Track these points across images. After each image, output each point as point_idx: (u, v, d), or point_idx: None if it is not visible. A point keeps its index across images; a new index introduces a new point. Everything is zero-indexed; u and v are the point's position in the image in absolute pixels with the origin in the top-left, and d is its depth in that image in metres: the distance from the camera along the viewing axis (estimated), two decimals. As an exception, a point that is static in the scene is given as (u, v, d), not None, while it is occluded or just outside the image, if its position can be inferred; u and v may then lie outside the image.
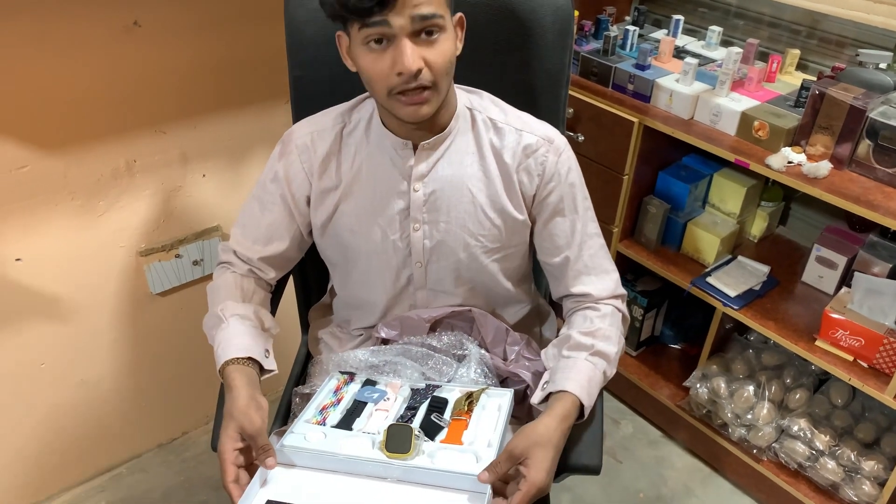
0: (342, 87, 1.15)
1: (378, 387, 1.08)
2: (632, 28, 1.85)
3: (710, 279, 1.75)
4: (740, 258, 1.81)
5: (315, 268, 1.37)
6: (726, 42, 1.93)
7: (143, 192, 1.58)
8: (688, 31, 1.99)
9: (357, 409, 1.04)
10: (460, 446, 0.96)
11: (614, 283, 1.14)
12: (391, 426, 0.96)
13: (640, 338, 2.04)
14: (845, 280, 1.67)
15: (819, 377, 1.78)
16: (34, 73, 1.33)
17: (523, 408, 1.12)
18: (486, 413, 1.02)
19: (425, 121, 1.00)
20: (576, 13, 1.44)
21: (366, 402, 1.05)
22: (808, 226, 1.93)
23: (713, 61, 1.81)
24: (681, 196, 1.82)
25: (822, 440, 1.66)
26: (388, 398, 1.06)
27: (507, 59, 1.21)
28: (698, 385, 1.83)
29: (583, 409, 0.99)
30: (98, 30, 1.36)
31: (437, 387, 1.07)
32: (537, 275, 1.28)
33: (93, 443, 1.80)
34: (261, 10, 1.53)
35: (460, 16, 1.00)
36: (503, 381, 1.15)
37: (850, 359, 1.54)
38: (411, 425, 0.97)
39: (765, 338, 1.81)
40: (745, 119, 1.59)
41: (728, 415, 1.78)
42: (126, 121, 1.48)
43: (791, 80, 1.75)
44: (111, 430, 1.81)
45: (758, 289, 1.72)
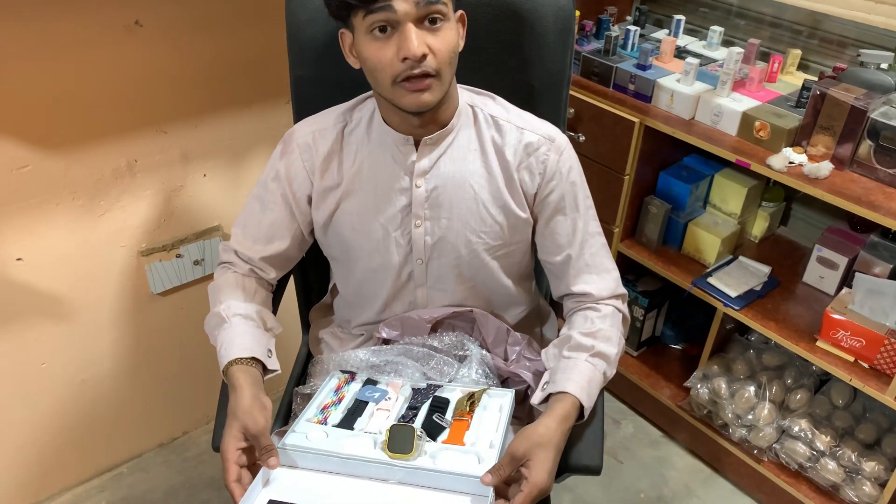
0: (343, 87, 1.15)
1: (379, 386, 1.08)
2: (633, 28, 1.85)
3: (710, 279, 1.75)
4: (741, 258, 1.81)
5: (315, 268, 1.37)
6: (727, 42, 1.92)
7: (144, 192, 1.58)
8: (689, 31, 1.99)
9: (358, 408, 1.04)
10: (462, 447, 0.96)
11: (615, 282, 1.14)
12: (393, 426, 0.96)
13: (640, 338, 2.03)
14: (846, 280, 1.67)
15: (820, 378, 1.78)
16: (35, 72, 1.33)
17: (524, 408, 1.12)
18: (487, 413, 1.02)
19: (427, 115, 1.00)
20: (577, 13, 1.43)
21: (367, 402, 1.05)
22: (809, 226, 1.93)
23: (714, 61, 1.81)
24: (682, 196, 1.82)
25: (822, 441, 1.66)
26: (389, 398, 1.06)
27: (509, 58, 1.21)
28: (699, 385, 1.83)
29: (582, 410, 0.99)
30: (99, 29, 1.36)
31: (439, 387, 1.08)
32: (538, 275, 1.28)
33: (93, 442, 1.80)
34: (262, 9, 1.53)
35: (461, 13, 1.00)
36: (504, 382, 1.15)
37: (851, 359, 1.54)
38: (413, 425, 0.97)
39: (766, 338, 1.81)
40: (747, 119, 1.59)
41: (729, 415, 1.78)
42: (127, 120, 1.48)
43: (792, 80, 1.75)
44: (112, 430, 1.81)
45: (759, 289, 1.72)
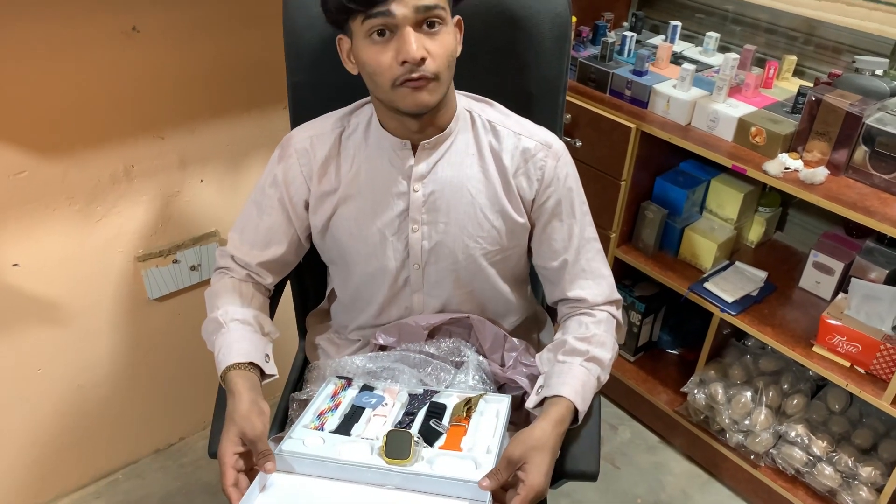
0: (340, 93, 1.15)
1: (376, 392, 1.08)
2: (629, 34, 1.86)
3: (707, 285, 1.75)
4: (738, 264, 1.82)
5: (312, 273, 1.37)
6: (723, 48, 1.93)
7: (142, 198, 1.58)
8: (685, 37, 2.00)
9: (355, 414, 1.04)
10: (459, 452, 0.96)
11: (610, 287, 1.15)
12: (390, 432, 0.96)
13: (637, 343, 2.04)
14: (842, 286, 1.67)
15: (816, 383, 1.78)
16: (33, 77, 1.33)
17: (521, 414, 1.12)
18: (484, 419, 1.02)
19: (425, 119, 1.00)
20: (573, 19, 1.44)
21: (364, 408, 1.05)
22: (805, 231, 1.93)
23: (710, 67, 1.81)
24: (678, 201, 1.83)
25: (819, 446, 1.66)
26: (385, 403, 1.06)
27: (505, 64, 1.21)
28: (696, 391, 1.83)
29: (577, 414, 1.00)
30: (97, 35, 1.36)
31: (435, 392, 1.07)
32: (534, 282, 1.28)
33: (89, 448, 1.79)
34: (259, 15, 1.54)
35: (458, 18, 1.01)
36: (501, 388, 1.15)
37: (848, 364, 1.54)
38: (410, 431, 0.97)
39: (762, 343, 1.81)
40: (743, 125, 1.59)
41: (726, 420, 1.78)
42: (124, 126, 1.48)
43: (788, 86, 1.76)
44: (108, 436, 1.81)
45: (755, 294, 1.73)
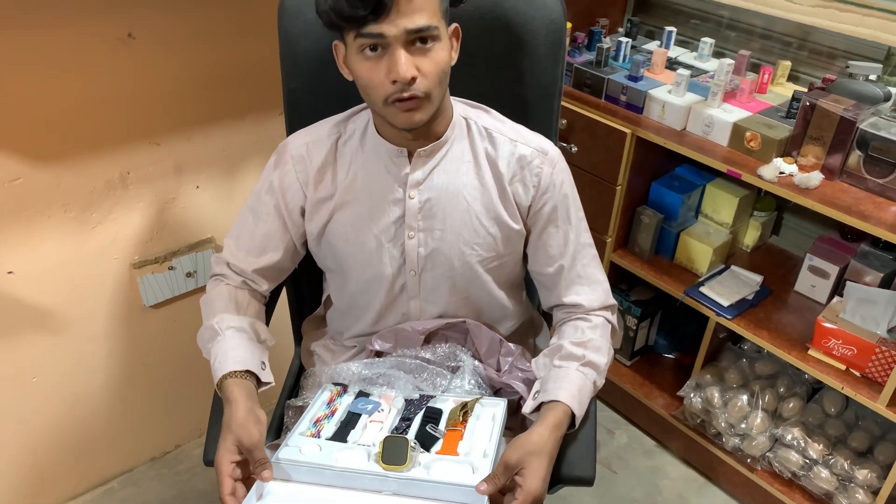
0: (336, 99, 1.16)
1: (372, 398, 1.08)
2: (624, 40, 1.86)
3: (703, 289, 1.76)
4: (733, 268, 1.82)
5: (308, 280, 1.37)
6: (718, 53, 1.94)
7: (137, 204, 1.57)
8: (680, 43, 2.00)
9: (351, 420, 1.04)
10: (456, 457, 0.96)
11: (605, 293, 1.15)
12: (387, 438, 0.96)
13: (633, 347, 2.04)
14: (838, 289, 1.68)
15: (812, 386, 1.79)
16: (28, 84, 1.33)
17: (517, 419, 1.12)
18: (480, 423, 1.02)
19: (421, 129, 1.00)
20: (568, 25, 1.44)
21: (360, 414, 1.05)
22: (800, 235, 1.94)
23: (705, 72, 1.82)
24: (674, 206, 1.83)
25: (815, 449, 1.66)
26: (382, 409, 1.06)
27: (501, 71, 1.21)
28: (692, 394, 1.84)
29: (573, 419, 1.00)
30: (92, 41, 1.36)
31: (432, 397, 1.07)
32: (530, 287, 1.28)
33: (84, 457, 1.78)
34: (255, 22, 1.54)
35: (455, 26, 1.00)
36: (496, 392, 1.15)
37: (843, 368, 1.54)
38: (407, 437, 0.97)
39: (758, 347, 1.82)
40: (737, 130, 1.60)
41: (722, 424, 1.78)
42: (120, 132, 1.48)
43: (782, 91, 1.77)
44: (103, 444, 1.80)
45: (751, 298, 1.73)
